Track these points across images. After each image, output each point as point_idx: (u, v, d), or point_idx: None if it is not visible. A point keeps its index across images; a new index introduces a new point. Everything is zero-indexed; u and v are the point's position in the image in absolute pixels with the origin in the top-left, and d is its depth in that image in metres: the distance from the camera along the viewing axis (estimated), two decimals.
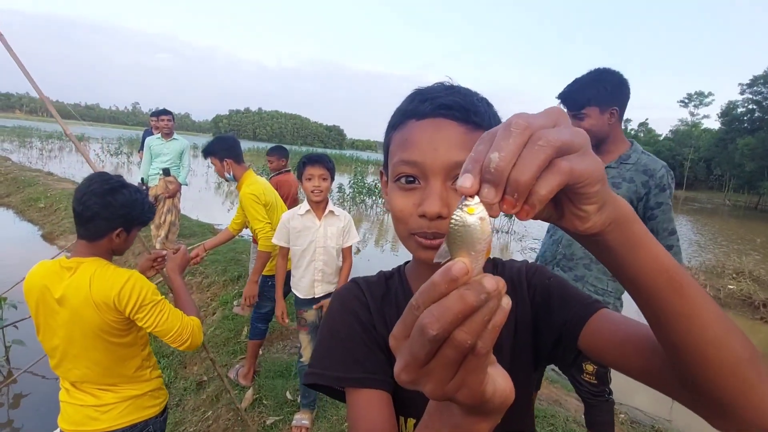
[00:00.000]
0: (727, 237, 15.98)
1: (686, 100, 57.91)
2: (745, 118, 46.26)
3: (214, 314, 4.08)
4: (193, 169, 5.52)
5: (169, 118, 5.12)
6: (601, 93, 1.77)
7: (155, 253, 1.72)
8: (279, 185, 3.69)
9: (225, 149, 2.84)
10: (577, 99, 1.82)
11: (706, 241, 14.42)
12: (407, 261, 0.75)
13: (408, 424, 0.66)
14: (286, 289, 2.62)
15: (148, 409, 1.49)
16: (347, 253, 2.50)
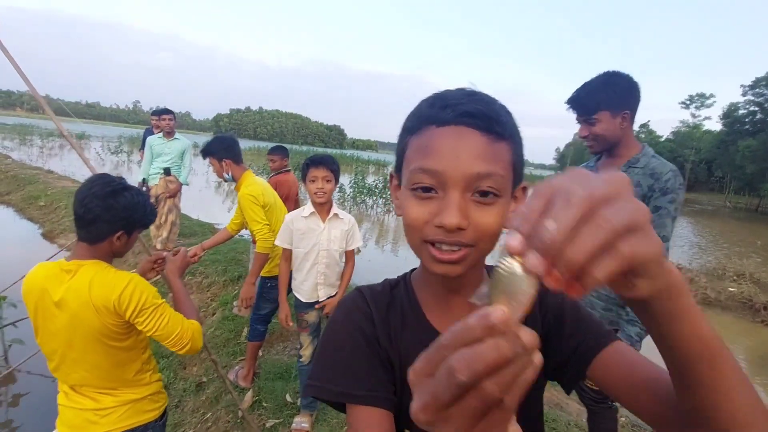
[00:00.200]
0: (728, 239, 15.97)
1: (687, 102, 57.92)
2: (746, 119, 46.26)
3: (214, 315, 4.06)
4: (193, 168, 5.50)
5: (171, 118, 5.08)
6: (612, 97, 1.72)
7: (156, 255, 1.70)
8: (278, 185, 3.67)
9: (223, 149, 2.81)
10: (588, 104, 1.77)
11: (706, 243, 14.41)
12: (414, 268, 0.74)
13: None
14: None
15: (147, 413, 1.48)
16: (350, 256, 2.49)
